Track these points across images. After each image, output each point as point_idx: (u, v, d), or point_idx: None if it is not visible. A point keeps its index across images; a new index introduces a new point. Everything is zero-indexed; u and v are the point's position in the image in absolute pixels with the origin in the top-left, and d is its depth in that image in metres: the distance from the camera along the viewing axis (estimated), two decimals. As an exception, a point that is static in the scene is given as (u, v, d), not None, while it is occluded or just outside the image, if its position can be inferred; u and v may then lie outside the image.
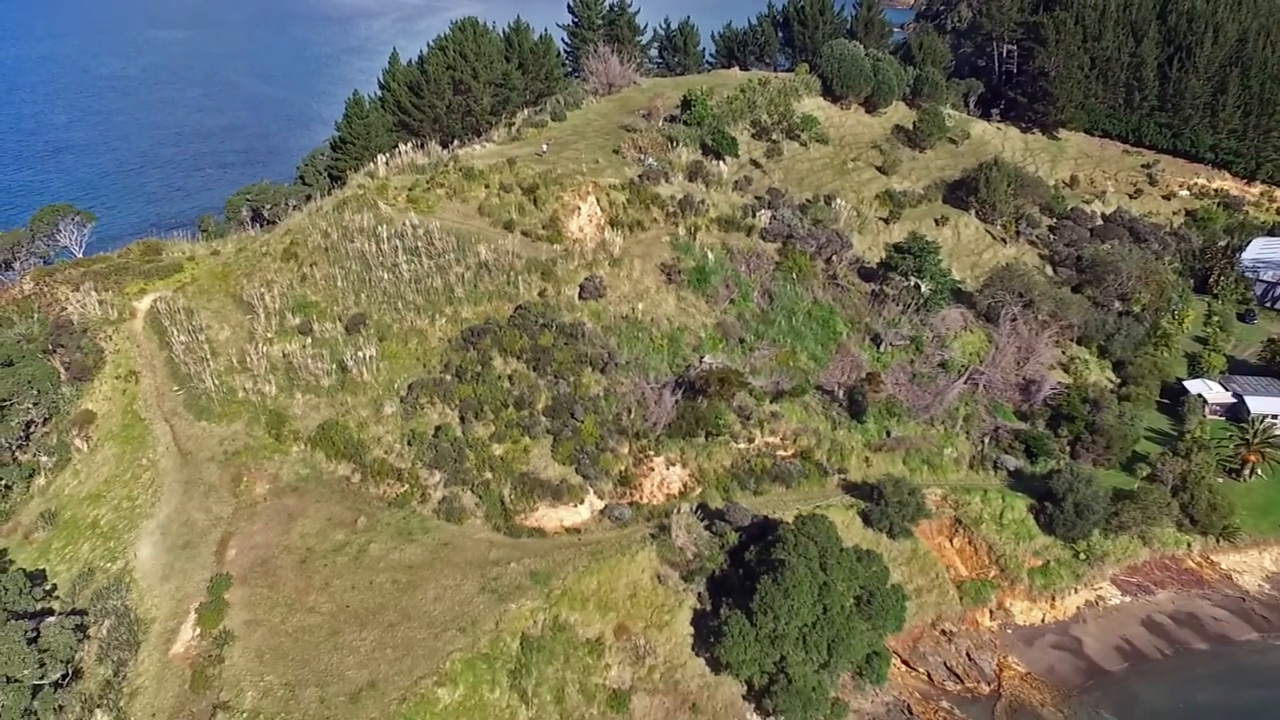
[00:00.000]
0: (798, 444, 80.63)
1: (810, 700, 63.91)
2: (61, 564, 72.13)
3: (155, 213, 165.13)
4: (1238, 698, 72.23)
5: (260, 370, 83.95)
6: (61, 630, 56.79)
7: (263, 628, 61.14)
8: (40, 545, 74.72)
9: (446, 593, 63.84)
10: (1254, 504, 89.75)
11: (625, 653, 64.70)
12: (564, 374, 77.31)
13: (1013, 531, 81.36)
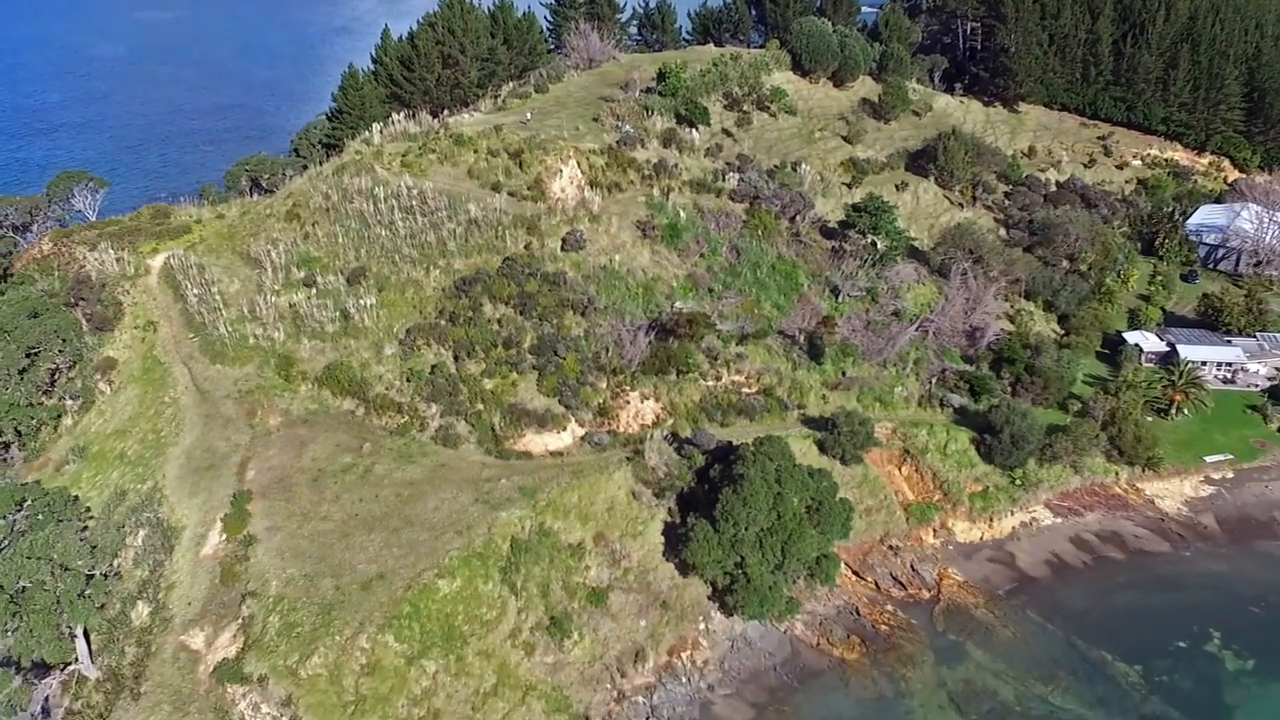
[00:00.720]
0: (760, 382, 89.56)
1: (766, 598, 73.05)
2: (93, 490, 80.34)
3: (154, 187, 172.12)
4: (1149, 600, 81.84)
5: (269, 319, 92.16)
6: (107, 530, 65.28)
7: (282, 533, 69.76)
8: (71, 476, 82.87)
9: (444, 503, 72.59)
10: (1178, 439, 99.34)
11: (603, 557, 73.62)
12: (548, 317, 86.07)
13: (955, 460, 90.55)
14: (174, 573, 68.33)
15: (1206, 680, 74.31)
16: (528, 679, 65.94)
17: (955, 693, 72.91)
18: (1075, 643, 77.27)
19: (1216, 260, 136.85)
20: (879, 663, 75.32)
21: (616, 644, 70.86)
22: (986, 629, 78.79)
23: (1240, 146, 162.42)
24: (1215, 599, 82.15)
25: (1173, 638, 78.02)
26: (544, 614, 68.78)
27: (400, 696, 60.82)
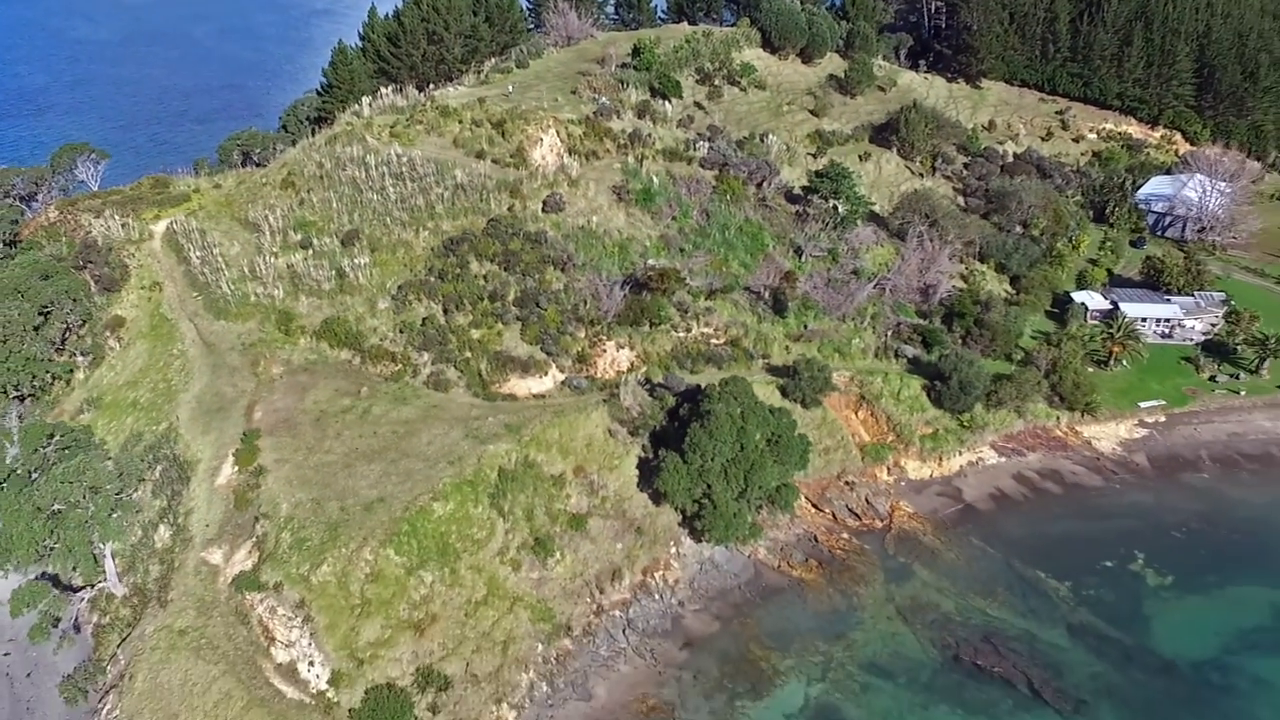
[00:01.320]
0: (728, 334, 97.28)
1: (731, 523, 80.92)
2: (109, 435, 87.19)
3: (145, 165, 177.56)
4: (1081, 527, 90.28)
5: (269, 278, 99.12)
6: (131, 457, 72.39)
7: (289, 464, 77.02)
8: (87, 423, 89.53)
9: (437, 438, 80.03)
10: (1116, 388, 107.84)
11: (582, 487, 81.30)
12: (530, 272, 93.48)
13: (908, 405, 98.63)
14: (191, 500, 75.47)
15: (1129, 594, 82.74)
16: (515, 591, 73.57)
17: (902, 606, 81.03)
18: (1012, 564, 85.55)
19: (1164, 227, 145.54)
20: (834, 582, 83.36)
21: (595, 564, 78.52)
22: (933, 553, 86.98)
23: (1191, 120, 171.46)
24: (1141, 525, 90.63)
25: (1101, 559, 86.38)
26: (529, 535, 76.34)
27: (401, 602, 68.35)
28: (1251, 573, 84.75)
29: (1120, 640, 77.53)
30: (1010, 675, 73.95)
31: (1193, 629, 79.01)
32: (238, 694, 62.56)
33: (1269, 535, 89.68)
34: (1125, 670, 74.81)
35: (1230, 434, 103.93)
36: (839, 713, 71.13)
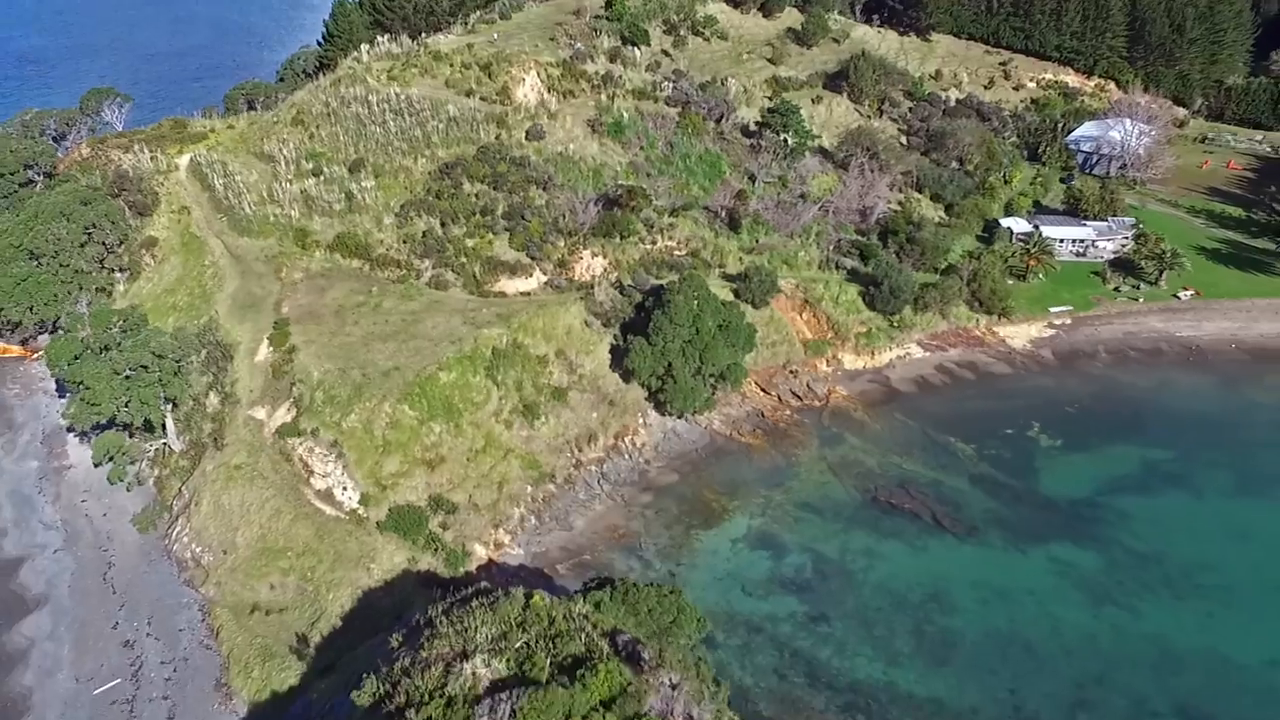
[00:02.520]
0: (689, 246, 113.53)
1: (689, 395, 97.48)
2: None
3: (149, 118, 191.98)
4: (989, 405, 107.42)
5: (285, 201, 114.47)
6: (184, 335, 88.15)
7: (316, 344, 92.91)
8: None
9: (440, 324, 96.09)
10: (1031, 296, 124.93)
11: (563, 366, 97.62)
12: (516, 191, 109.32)
13: (846, 308, 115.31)
14: (235, 374, 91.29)
15: (1023, 453, 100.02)
16: (508, 444, 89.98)
17: (832, 463, 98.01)
18: (928, 432, 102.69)
19: (1092, 166, 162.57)
20: (776, 446, 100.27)
21: (574, 428, 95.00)
22: (861, 424, 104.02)
23: (1124, 70, 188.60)
24: (1041, 403, 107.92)
25: (1003, 428, 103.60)
26: (519, 402, 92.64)
27: (415, 445, 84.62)
28: (1127, 436, 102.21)
29: (1012, 485, 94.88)
30: (918, 510, 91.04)
31: (1073, 477, 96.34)
32: (286, 511, 78.82)
33: (1146, 409, 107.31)
34: (1013, 506, 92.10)
35: (1126, 333, 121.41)
36: (775, 538, 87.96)
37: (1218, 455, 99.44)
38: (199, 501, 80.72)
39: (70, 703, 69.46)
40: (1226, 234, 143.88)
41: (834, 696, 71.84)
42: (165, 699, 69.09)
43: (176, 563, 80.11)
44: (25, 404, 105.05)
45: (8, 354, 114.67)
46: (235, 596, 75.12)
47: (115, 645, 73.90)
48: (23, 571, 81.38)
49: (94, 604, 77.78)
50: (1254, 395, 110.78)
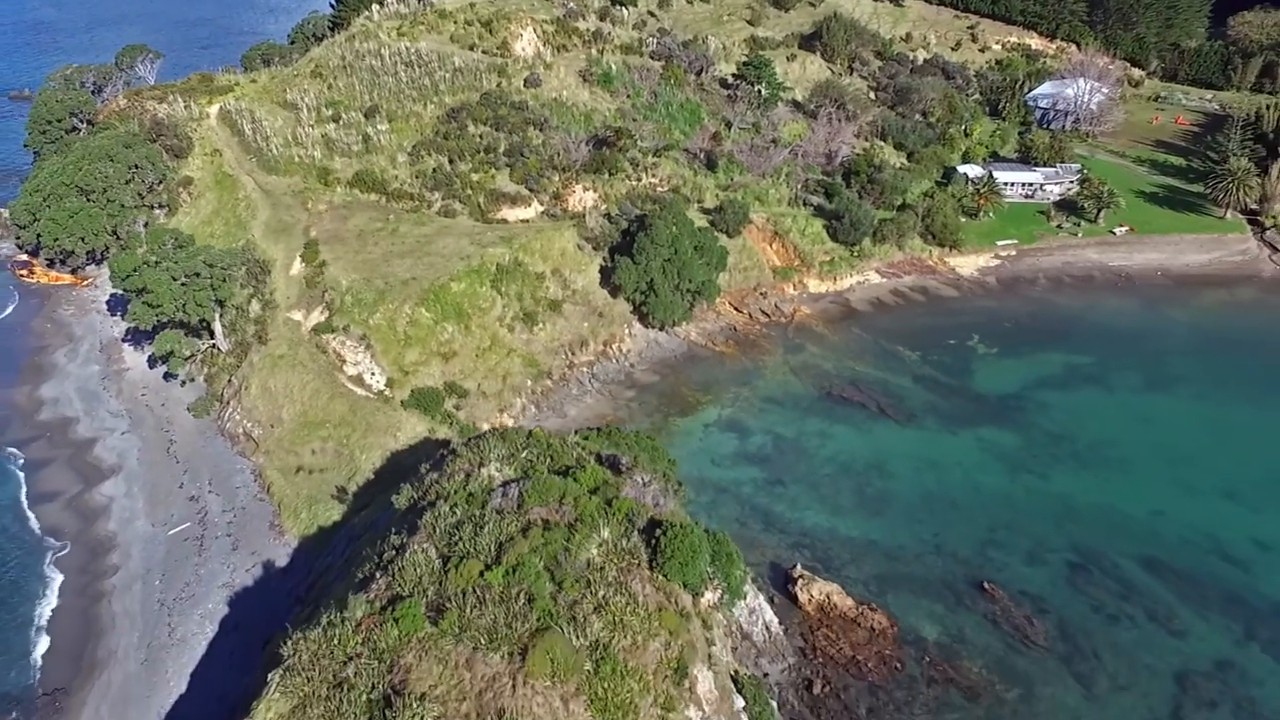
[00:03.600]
0: (670, 183, 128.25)
1: (669, 307, 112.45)
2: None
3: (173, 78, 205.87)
4: (936, 321, 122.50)
5: (308, 143, 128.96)
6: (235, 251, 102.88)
7: (342, 260, 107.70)
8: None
9: (450, 245, 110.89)
10: (981, 231, 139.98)
11: (558, 282, 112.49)
12: (515, 132, 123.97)
13: (811, 239, 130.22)
14: (273, 285, 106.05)
15: (962, 358, 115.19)
16: (510, 345, 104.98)
17: (794, 367, 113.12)
18: (880, 342, 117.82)
19: (1049, 121, 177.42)
20: (746, 354, 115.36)
21: (568, 334, 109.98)
22: (821, 337, 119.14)
23: (1084, 34, 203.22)
24: (982, 320, 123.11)
25: (946, 339, 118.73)
26: (519, 310, 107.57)
27: (432, 339, 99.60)
28: (1055, 345, 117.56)
29: (949, 383, 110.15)
30: (865, 402, 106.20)
31: (1003, 377, 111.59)
32: (324, 391, 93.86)
33: (1074, 324, 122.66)
34: (949, 399, 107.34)
35: (1064, 262, 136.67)
36: (741, 423, 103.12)
37: (1132, 360, 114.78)
38: (248, 386, 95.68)
39: (149, 542, 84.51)
40: (1166, 180, 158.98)
41: (785, 538, 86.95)
42: (229, 536, 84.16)
43: (229, 438, 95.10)
44: (81, 321, 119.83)
45: (60, 282, 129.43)
46: (282, 461, 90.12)
47: (182, 500, 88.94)
48: (97, 448, 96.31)
49: (160, 470, 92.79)
50: (1171, 313, 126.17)
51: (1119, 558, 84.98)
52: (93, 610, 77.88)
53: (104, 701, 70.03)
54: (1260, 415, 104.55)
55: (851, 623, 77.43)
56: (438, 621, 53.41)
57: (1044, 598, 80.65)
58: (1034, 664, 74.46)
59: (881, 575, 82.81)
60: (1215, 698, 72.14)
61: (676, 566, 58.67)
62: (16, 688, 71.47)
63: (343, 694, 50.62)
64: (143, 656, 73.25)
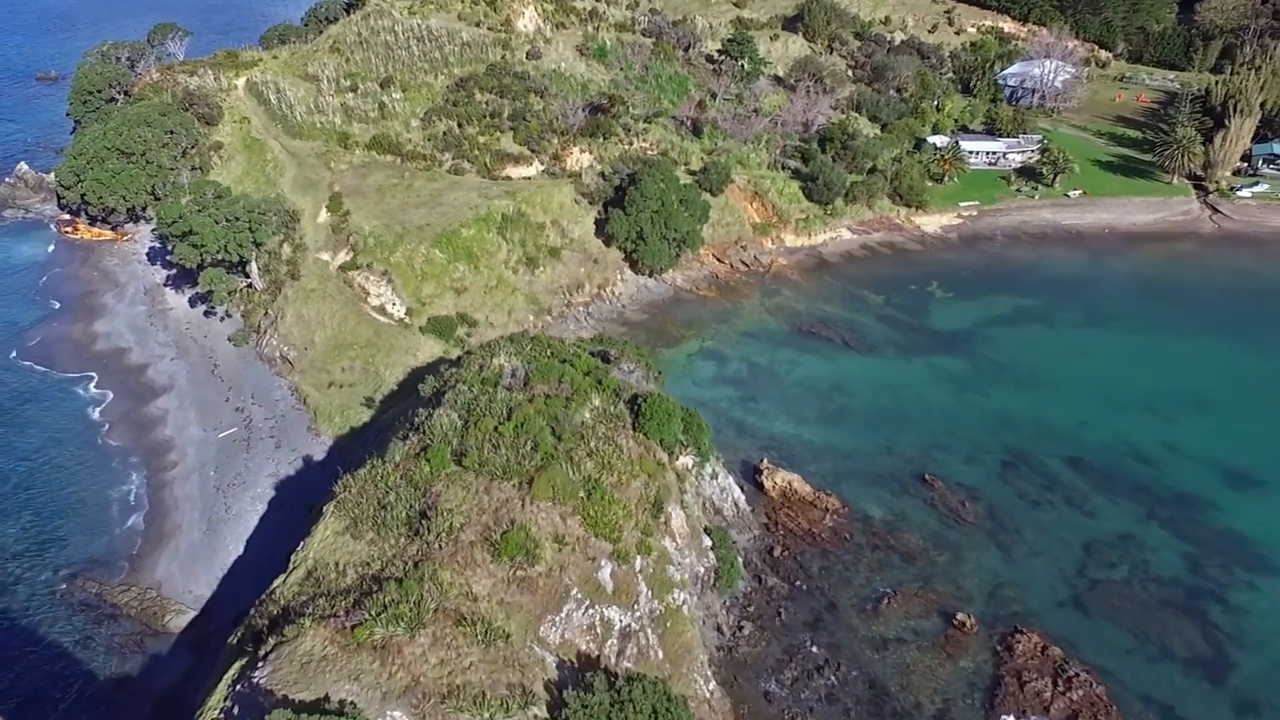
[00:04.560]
0: (659, 147, 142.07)
1: (657, 254, 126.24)
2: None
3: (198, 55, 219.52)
4: (900, 271, 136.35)
5: (329, 111, 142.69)
6: (268, 201, 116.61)
7: (364, 209, 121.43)
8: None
9: (460, 197, 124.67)
10: (945, 194, 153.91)
11: (557, 231, 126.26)
12: (518, 99, 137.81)
13: (788, 198, 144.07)
14: (302, 231, 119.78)
15: (920, 301, 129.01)
16: (514, 284, 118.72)
17: (770, 308, 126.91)
18: (848, 288, 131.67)
19: (1018, 98, 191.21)
20: (726, 297, 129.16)
21: (566, 278, 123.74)
22: (796, 284, 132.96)
23: (1054, 17, 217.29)
24: (942, 270, 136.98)
25: (908, 285, 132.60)
26: (522, 255, 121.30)
27: (445, 276, 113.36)
28: (1006, 290, 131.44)
29: (907, 321, 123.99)
30: (832, 336, 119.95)
31: (956, 316, 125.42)
32: (351, 318, 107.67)
33: (1025, 273, 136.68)
34: (907, 334, 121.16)
35: (1021, 221, 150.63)
36: (720, 353, 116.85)
37: (1074, 302, 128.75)
38: (283, 315, 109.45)
39: (202, 443, 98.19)
40: (1122, 150, 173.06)
41: (755, 442, 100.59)
42: (272, 438, 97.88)
43: (267, 361, 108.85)
44: (125, 270, 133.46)
45: (102, 238, 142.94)
46: (316, 378, 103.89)
47: (228, 410, 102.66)
48: (149, 371, 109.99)
49: (207, 388, 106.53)
50: (1115, 264, 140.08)
51: (1046, 458, 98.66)
52: (158, 496, 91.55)
53: (174, 562, 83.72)
54: (1182, 346, 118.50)
55: (809, 505, 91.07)
56: (460, 461, 67.21)
57: (977, 488, 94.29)
58: (964, 536, 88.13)
59: (837, 470, 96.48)
60: (1115, 560, 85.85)
61: (654, 426, 72.53)
62: (102, 554, 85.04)
63: (386, 513, 64.29)
64: (204, 528, 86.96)
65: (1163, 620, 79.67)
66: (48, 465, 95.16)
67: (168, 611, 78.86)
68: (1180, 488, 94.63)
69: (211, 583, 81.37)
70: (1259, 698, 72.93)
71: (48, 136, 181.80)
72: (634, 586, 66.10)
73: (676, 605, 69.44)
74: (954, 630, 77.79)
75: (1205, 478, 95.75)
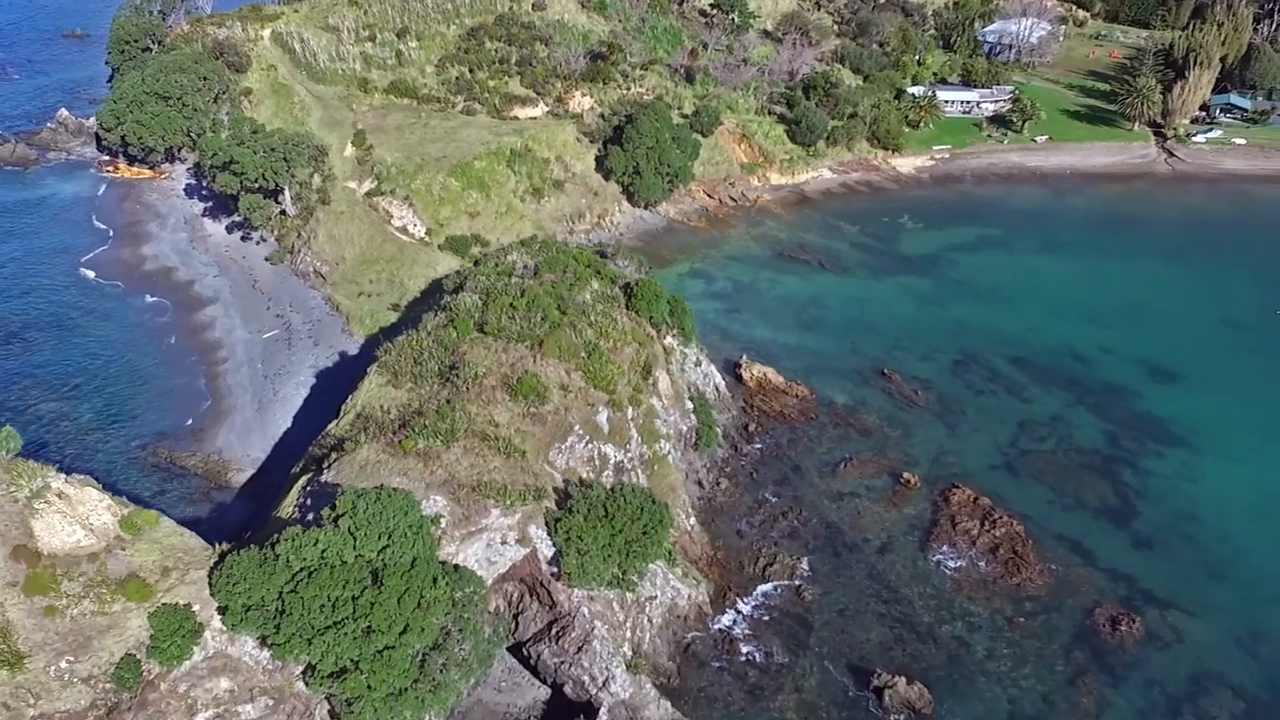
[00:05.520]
0: (654, 92, 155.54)
1: (652, 187, 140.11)
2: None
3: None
4: (875, 206, 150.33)
5: (349, 59, 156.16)
6: (300, 134, 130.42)
7: (386, 144, 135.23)
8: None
9: (472, 134, 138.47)
10: (921, 139, 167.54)
11: (561, 166, 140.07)
12: (525, 46, 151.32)
13: (774, 141, 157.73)
14: (330, 163, 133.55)
15: (892, 231, 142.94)
16: (522, 212, 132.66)
17: (754, 236, 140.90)
18: (826, 220, 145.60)
19: (996, 54, 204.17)
20: (715, 228, 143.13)
21: (569, 207, 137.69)
22: (779, 216, 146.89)
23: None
24: (914, 204, 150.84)
25: (881, 217, 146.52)
26: (529, 186, 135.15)
27: (460, 202, 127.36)
28: (971, 222, 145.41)
29: (879, 247, 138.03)
30: (810, 260, 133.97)
31: (924, 243, 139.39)
32: (377, 237, 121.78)
33: (990, 207, 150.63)
34: (878, 258, 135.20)
35: (990, 163, 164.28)
36: (708, 273, 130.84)
37: (1032, 232, 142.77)
38: (315, 235, 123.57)
39: (248, 344, 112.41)
40: (1090, 101, 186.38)
41: (736, 345, 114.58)
42: (310, 338, 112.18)
43: (301, 276, 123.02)
44: (165, 203, 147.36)
45: (141, 176, 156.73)
46: (346, 289, 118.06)
47: (269, 317, 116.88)
48: (195, 286, 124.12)
49: (249, 299, 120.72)
50: (1073, 200, 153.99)
51: (993, 357, 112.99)
52: (214, 384, 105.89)
53: (232, 433, 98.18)
54: (1126, 269, 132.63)
55: (781, 392, 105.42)
56: (482, 329, 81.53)
57: (930, 380, 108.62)
58: (915, 417, 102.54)
59: (808, 366, 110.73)
60: (1044, 435, 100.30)
61: (644, 305, 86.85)
62: (169, 429, 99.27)
63: (421, 367, 78.65)
64: (255, 408, 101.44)
65: (1079, 479, 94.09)
66: (115, 360, 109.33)
67: (229, 470, 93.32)
68: (1108, 380, 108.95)
69: (266, 448, 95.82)
70: (1155, 538, 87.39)
71: (81, 87, 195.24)
72: (626, 431, 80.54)
73: (663, 454, 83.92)
74: (900, 487, 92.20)
75: (1131, 373, 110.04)
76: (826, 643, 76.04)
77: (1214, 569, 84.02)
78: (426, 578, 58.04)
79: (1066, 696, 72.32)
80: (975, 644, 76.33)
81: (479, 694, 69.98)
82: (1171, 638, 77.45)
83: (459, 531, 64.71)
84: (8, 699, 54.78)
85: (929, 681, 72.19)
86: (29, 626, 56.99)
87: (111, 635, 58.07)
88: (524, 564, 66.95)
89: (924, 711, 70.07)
